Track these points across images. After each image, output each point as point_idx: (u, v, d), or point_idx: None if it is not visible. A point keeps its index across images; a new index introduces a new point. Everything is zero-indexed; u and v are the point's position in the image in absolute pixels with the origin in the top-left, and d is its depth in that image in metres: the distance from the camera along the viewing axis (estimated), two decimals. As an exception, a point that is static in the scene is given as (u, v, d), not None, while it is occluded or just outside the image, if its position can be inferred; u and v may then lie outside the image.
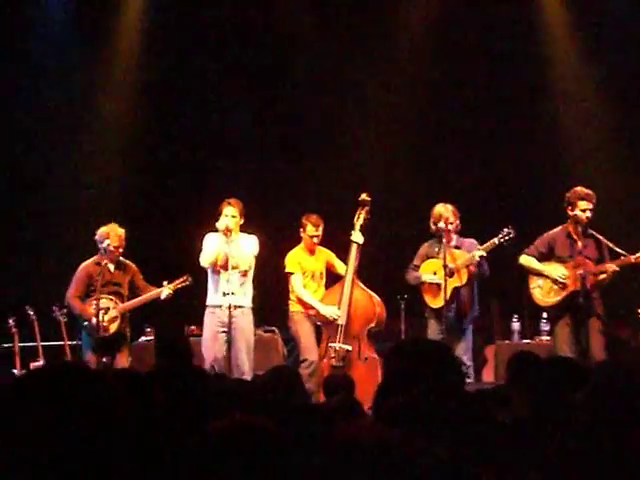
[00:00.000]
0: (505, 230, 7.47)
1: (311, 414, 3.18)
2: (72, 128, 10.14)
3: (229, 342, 7.51)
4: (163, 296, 7.91)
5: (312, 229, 7.99)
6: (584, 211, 7.35)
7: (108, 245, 7.77)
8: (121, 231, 7.88)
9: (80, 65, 10.20)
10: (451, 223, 7.69)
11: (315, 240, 8.01)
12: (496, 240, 7.49)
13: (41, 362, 8.68)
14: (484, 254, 7.54)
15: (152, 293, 7.94)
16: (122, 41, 10.37)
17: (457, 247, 7.79)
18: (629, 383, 2.73)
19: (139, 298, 7.96)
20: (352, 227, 7.89)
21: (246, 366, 7.54)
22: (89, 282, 7.85)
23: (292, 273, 8.02)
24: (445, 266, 7.47)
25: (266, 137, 10.37)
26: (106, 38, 10.30)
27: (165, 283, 7.93)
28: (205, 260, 7.71)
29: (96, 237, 7.89)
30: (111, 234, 7.82)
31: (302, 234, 8.07)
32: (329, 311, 7.86)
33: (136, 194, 10.16)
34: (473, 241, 7.84)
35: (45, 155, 10.09)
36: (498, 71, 9.80)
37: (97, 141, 10.28)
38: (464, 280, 7.66)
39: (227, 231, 7.55)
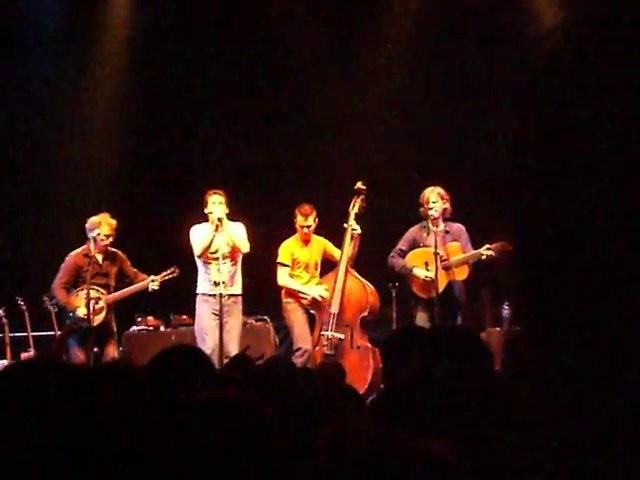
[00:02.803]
0: None
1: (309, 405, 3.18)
2: (58, 119, 10.08)
3: (221, 330, 7.51)
4: (150, 288, 7.90)
5: (301, 219, 7.98)
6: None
7: (98, 234, 7.74)
8: (113, 221, 7.85)
9: (67, 58, 10.15)
10: (434, 202, 7.65)
11: (306, 230, 7.99)
12: (508, 243, 7.43)
13: (32, 352, 8.65)
14: (492, 254, 7.51)
15: (139, 285, 7.93)
16: (109, 34, 10.32)
17: (447, 231, 7.77)
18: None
19: (127, 289, 7.94)
20: (347, 215, 7.88)
21: (233, 352, 7.54)
22: (77, 273, 7.83)
23: (282, 264, 8.02)
24: (436, 254, 7.45)
25: (260, 126, 10.33)
26: (93, 31, 10.25)
27: (152, 276, 7.91)
28: (199, 248, 7.71)
29: (86, 226, 7.86)
30: (102, 223, 7.78)
31: (295, 224, 8.07)
32: (316, 291, 7.87)
33: (123, 184, 10.14)
34: (461, 226, 7.82)
35: (33, 146, 10.03)
36: (490, 53, 9.79)
37: (84, 132, 10.22)
38: (460, 277, 7.65)
39: (219, 221, 7.55)
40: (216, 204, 7.64)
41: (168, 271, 7.99)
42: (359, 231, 7.82)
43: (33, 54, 10.02)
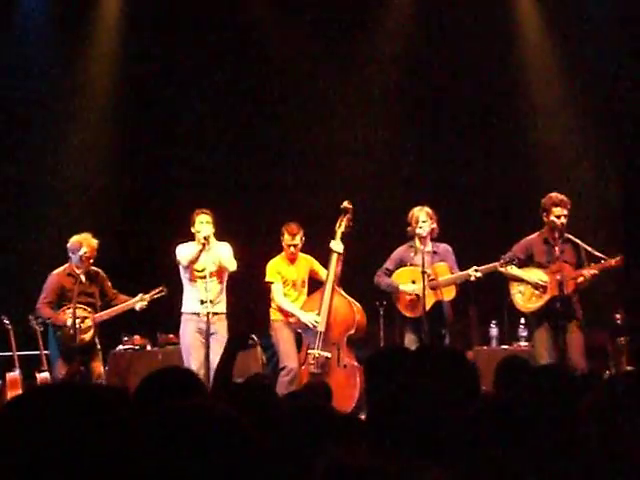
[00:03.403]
0: (508, 256, 7.41)
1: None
2: (42, 137, 10.06)
3: (207, 348, 7.48)
4: (138, 307, 7.88)
5: (288, 238, 7.98)
6: (559, 217, 7.38)
7: (84, 254, 7.72)
8: (94, 242, 7.82)
9: (58, 63, 10.14)
10: (424, 221, 7.66)
11: (292, 250, 7.99)
12: (498, 265, 7.44)
13: (17, 372, 8.59)
14: (480, 276, 7.51)
15: (127, 304, 7.90)
16: (100, 38, 10.32)
17: (434, 252, 7.78)
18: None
19: (115, 308, 7.91)
20: (334, 234, 7.88)
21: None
22: (61, 292, 7.79)
23: (272, 282, 8.01)
24: (424, 272, 7.45)
25: (247, 142, 10.34)
26: (84, 33, 10.24)
27: (140, 294, 7.89)
28: (185, 259, 7.70)
29: (68, 245, 7.83)
30: (84, 243, 7.76)
31: (282, 243, 8.06)
32: (308, 318, 7.84)
33: (108, 204, 10.09)
34: (447, 247, 7.83)
35: (16, 165, 9.99)
36: (477, 77, 9.84)
37: (68, 151, 10.19)
38: (447, 297, 7.65)
39: (206, 240, 7.54)
40: (204, 223, 7.65)
41: (156, 290, 7.97)
42: (341, 251, 7.82)
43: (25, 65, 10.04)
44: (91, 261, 7.82)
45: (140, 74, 10.21)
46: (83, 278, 7.83)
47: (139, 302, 7.87)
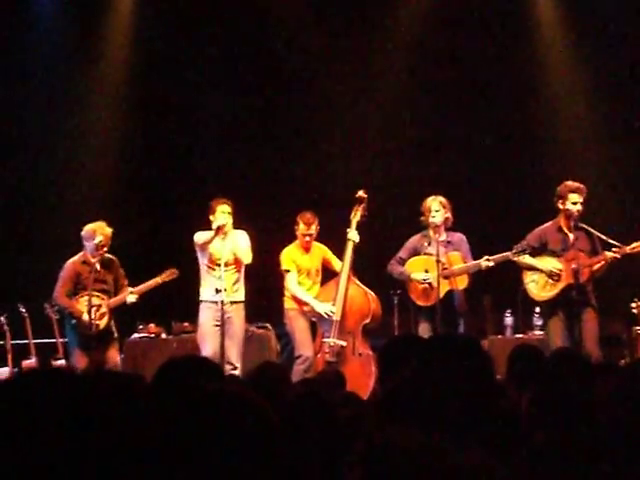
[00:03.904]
0: (520, 246, 7.42)
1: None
2: (58, 126, 10.09)
3: (222, 337, 7.51)
4: (128, 301, 7.85)
5: (304, 228, 7.99)
6: (575, 204, 7.36)
7: (99, 242, 7.72)
8: (109, 230, 7.81)
9: (68, 62, 10.17)
10: (437, 211, 7.66)
11: (307, 239, 8.00)
12: (510, 255, 7.44)
13: (33, 360, 8.64)
14: (492, 265, 7.51)
15: (118, 298, 7.85)
16: (111, 36, 10.34)
17: (448, 241, 7.77)
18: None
19: (116, 298, 7.86)
20: (349, 223, 7.89)
21: (234, 358, 7.56)
22: (77, 280, 7.80)
23: (288, 271, 8.02)
24: (438, 261, 7.45)
25: (263, 132, 10.34)
26: (94, 33, 10.27)
27: (130, 289, 7.85)
28: (201, 238, 7.68)
29: (82, 234, 7.84)
30: (98, 232, 7.76)
31: (297, 232, 8.07)
32: (323, 308, 7.85)
33: (125, 190, 10.13)
34: (462, 236, 7.83)
35: (34, 154, 10.04)
36: (491, 71, 9.83)
37: (84, 139, 10.24)
38: (461, 286, 7.65)
39: (222, 227, 7.54)
40: (225, 213, 7.64)
41: (167, 272, 7.88)
42: (357, 240, 7.83)
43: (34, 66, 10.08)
44: (105, 249, 7.83)
45: (159, 64, 10.23)
46: (98, 266, 7.84)
47: (129, 295, 7.84)
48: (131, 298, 7.81)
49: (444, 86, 9.93)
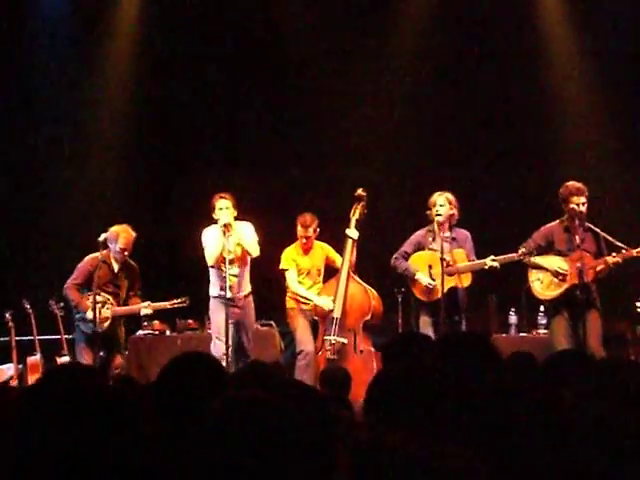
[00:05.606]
0: (526, 248, 7.40)
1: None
2: (69, 125, 10.14)
3: (237, 330, 7.64)
4: (142, 313, 7.94)
5: (301, 230, 8.00)
6: (578, 205, 7.35)
7: (120, 247, 7.75)
8: (132, 235, 7.84)
9: (76, 63, 10.23)
10: (441, 206, 7.64)
11: (304, 241, 8.01)
12: (515, 256, 7.42)
13: (38, 356, 8.67)
14: (496, 265, 7.50)
15: (133, 307, 7.92)
16: (118, 37, 10.38)
17: (453, 238, 7.76)
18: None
19: (124, 308, 7.91)
20: (348, 222, 7.88)
21: (249, 350, 7.73)
22: (91, 276, 7.80)
23: (286, 269, 8.02)
24: (442, 259, 7.43)
25: (264, 131, 10.35)
26: (101, 34, 10.30)
27: (148, 302, 7.90)
28: (211, 258, 7.70)
29: (107, 235, 7.79)
30: (120, 236, 7.78)
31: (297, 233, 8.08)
32: (323, 301, 7.86)
33: (132, 190, 10.16)
34: (466, 233, 7.81)
35: (43, 151, 10.08)
36: (497, 69, 9.81)
37: (95, 137, 10.28)
38: (465, 284, 7.64)
39: (228, 226, 7.53)
40: (223, 209, 7.62)
41: (180, 300, 7.98)
42: (356, 237, 7.83)
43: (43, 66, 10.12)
44: (126, 253, 7.85)
45: (163, 64, 10.26)
46: (116, 268, 7.86)
47: (144, 309, 7.90)
48: (145, 311, 7.88)
49: (446, 84, 9.94)
